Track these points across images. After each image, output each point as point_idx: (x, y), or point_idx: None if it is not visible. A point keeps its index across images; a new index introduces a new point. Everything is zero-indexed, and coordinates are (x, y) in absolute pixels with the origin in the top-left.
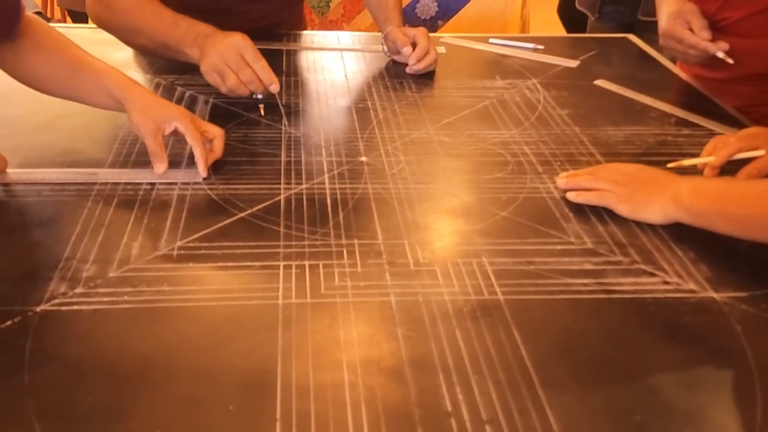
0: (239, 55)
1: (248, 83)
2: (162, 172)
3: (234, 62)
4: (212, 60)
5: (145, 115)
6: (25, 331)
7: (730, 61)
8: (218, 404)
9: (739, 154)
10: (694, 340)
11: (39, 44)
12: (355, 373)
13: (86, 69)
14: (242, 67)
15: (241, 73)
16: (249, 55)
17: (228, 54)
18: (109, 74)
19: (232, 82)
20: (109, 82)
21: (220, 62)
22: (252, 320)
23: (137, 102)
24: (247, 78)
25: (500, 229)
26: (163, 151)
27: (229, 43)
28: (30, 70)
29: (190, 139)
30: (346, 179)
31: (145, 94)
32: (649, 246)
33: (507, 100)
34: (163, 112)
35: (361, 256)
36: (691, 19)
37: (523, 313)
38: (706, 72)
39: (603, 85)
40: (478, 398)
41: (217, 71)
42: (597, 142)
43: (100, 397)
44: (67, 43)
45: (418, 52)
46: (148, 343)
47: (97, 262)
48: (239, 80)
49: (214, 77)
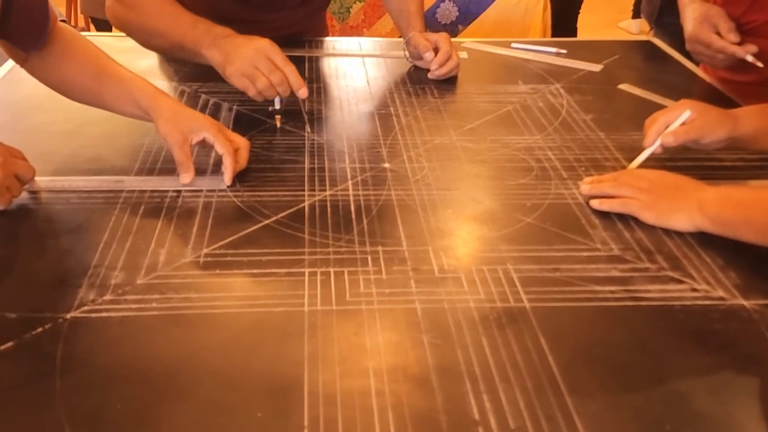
0: (268, 59)
1: (278, 85)
2: (188, 182)
3: (264, 65)
4: (241, 63)
5: (172, 126)
6: (56, 338)
7: (759, 64)
8: (246, 411)
9: (670, 128)
10: (724, 348)
11: (68, 52)
12: (382, 380)
13: (113, 78)
14: (273, 69)
15: (272, 75)
16: (278, 59)
17: (257, 57)
18: (137, 84)
19: (263, 85)
20: (137, 92)
21: (249, 66)
22: (278, 327)
23: (164, 112)
24: (278, 80)
25: (525, 236)
26: (190, 161)
27: (259, 46)
28: (59, 77)
29: (220, 148)
30: (370, 186)
31: (172, 104)
32: (676, 253)
33: (530, 105)
34: (191, 123)
35: (385, 262)
36: (717, 22)
37: (549, 321)
38: (732, 75)
39: (627, 89)
40: (505, 406)
41: (247, 75)
42: (622, 147)
43: (130, 403)
44: (96, 51)
45: (440, 57)
46: (176, 349)
47: (125, 269)
48: (270, 83)
49: (243, 81)
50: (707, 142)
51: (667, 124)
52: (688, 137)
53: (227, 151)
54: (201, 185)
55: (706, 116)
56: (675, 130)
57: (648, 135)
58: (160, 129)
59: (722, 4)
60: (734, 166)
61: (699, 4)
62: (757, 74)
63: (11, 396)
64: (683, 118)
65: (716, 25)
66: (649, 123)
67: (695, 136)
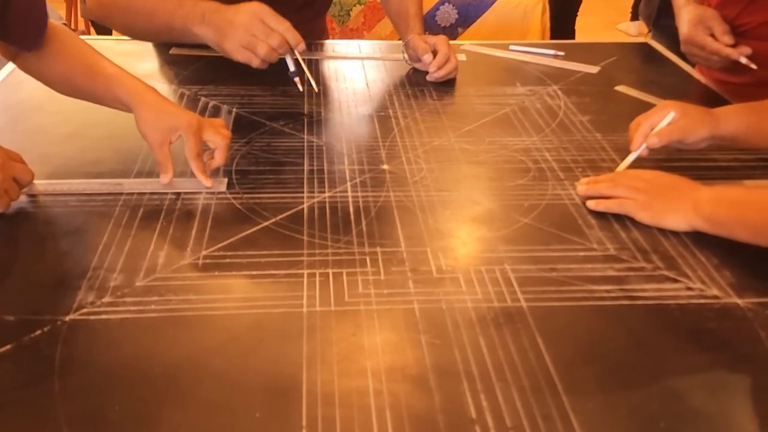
0: (262, 22)
1: (278, 48)
2: (167, 182)
3: (261, 31)
4: (238, 36)
5: (150, 126)
6: (55, 340)
7: (753, 66)
8: (245, 411)
9: (655, 129)
10: (719, 346)
11: (60, 51)
12: (380, 380)
13: (100, 74)
14: (269, 32)
15: (270, 39)
16: (272, 20)
17: (252, 24)
18: (120, 80)
19: (265, 51)
20: (119, 88)
21: (246, 35)
22: (277, 328)
23: (144, 111)
24: (277, 43)
25: (522, 236)
26: (169, 162)
27: (250, 12)
28: (52, 74)
29: (186, 151)
30: (369, 187)
31: (154, 101)
32: (671, 252)
33: (528, 107)
34: (170, 121)
35: (384, 263)
36: (712, 24)
37: (546, 320)
38: (727, 77)
39: (624, 91)
40: (502, 405)
41: (246, 45)
42: (618, 148)
43: (129, 404)
44: (86, 49)
45: (438, 59)
46: (175, 351)
47: (124, 272)
48: (270, 47)
49: (244, 53)
50: (691, 141)
51: (651, 127)
52: (671, 138)
53: (191, 156)
54: (200, 187)
55: (688, 116)
56: (659, 131)
57: (634, 139)
58: (140, 128)
59: (717, 6)
60: (729, 166)
61: (693, 6)
62: (751, 75)
63: (10, 398)
64: (668, 119)
65: (711, 28)
66: (633, 127)
67: (678, 136)
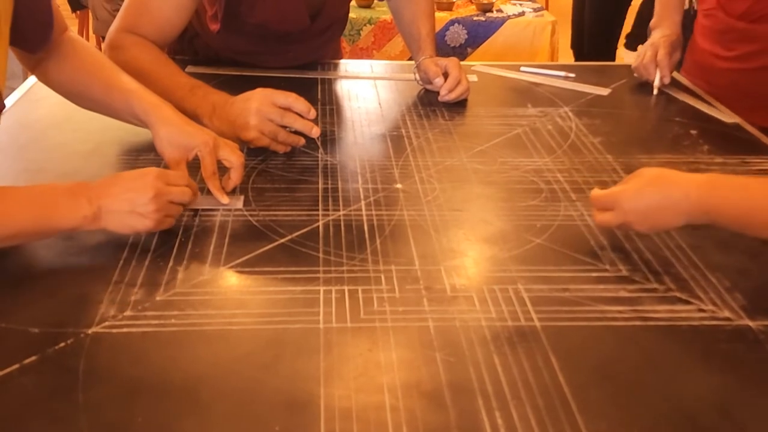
0: (272, 105)
1: (293, 124)
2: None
3: (275, 113)
4: (253, 126)
5: (168, 144)
6: (79, 352)
7: (655, 92)
8: (264, 425)
9: None
10: (731, 368)
11: (79, 64)
12: (396, 396)
13: (118, 89)
14: (282, 113)
15: (284, 119)
16: (280, 99)
17: (264, 109)
18: (137, 96)
19: (284, 137)
20: (136, 104)
21: (261, 123)
22: (295, 343)
23: (161, 128)
24: (291, 121)
25: (535, 256)
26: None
27: (259, 99)
28: (70, 86)
29: (203, 169)
30: (382, 206)
31: (170, 119)
32: (684, 274)
33: (539, 128)
34: (187, 139)
35: (398, 281)
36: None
37: (559, 340)
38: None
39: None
40: (517, 423)
41: (266, 133)
42: (629, 169)
43: (151, 417)
44: (105, 63)
45: (449, 83)
46: (195, 364)
47: (144, 286)
48: (287, 132)
49: (265, 141)
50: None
51: None
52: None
53: (207, 175)
54: (217, 204)
55: None
56: None
57: None
58: (157, 146)
59: (726, 1)
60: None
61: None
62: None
63: (35, 409)
64: None
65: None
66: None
67: None
